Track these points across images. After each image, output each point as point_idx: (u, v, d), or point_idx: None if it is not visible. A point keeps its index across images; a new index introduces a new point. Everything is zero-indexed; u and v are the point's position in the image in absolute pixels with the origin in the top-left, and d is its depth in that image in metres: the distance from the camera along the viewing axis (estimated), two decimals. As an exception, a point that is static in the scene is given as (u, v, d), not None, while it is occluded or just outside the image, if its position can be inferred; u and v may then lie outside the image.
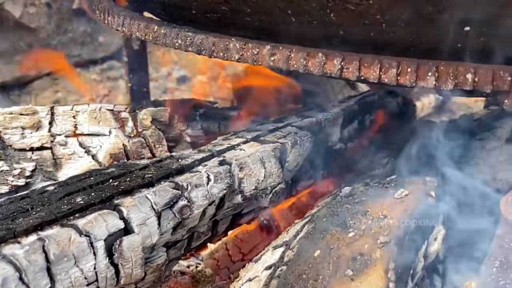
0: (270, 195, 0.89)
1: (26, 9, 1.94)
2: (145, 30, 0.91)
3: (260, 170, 0.86)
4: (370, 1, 0.69)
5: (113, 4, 1.03)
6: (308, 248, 0.74)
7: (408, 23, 0.72)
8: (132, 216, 0.70)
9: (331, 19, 0.74)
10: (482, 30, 0.71)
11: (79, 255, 0.64)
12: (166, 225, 0.73)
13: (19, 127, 0.96)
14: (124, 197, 0.72)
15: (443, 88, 0.73)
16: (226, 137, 0.95)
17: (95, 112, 1.02)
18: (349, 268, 0.70)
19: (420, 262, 0.78)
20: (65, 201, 0.71)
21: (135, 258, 0.69)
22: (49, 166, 0.97)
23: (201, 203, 0.77)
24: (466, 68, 0.72)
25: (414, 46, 0.76)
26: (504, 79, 0.71)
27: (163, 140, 1.05)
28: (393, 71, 0.74)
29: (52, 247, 0.62)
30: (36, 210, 0.68)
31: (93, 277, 0.65)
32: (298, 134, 0.94)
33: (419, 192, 0.87)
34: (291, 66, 0.77)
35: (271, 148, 0.89)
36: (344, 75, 0.75)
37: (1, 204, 0.71)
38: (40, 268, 0.60)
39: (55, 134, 0.98)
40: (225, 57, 0.81)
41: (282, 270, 0.71)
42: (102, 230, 0.66)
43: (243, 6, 0.79)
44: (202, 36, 0.84)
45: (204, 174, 0.79)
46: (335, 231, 0.77)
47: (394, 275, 0.68)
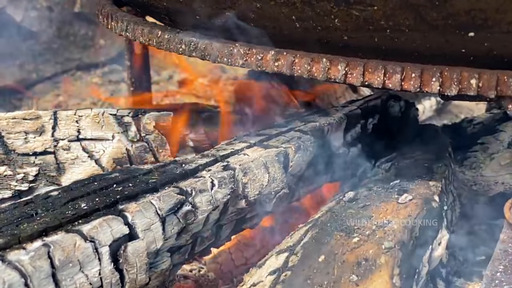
0: (273, 200, 0.89)
1: (27, 12, 1.94)
2: (149, 35, 0.91)
3: (263, 175, 0.86)
4: (374, 7, 0.70)
5: (116, 9, 1.03)
6: (312, 253, 0.74)
7: (412, 29, 0.72)
8: (137, 222, 0.70)
9: (336, 25, 0.74)
10: (486, 36, 0.71)
11: (84, 260, 0.64)
12: (170, 230, 0.73)
13: (22, 131, 0.96)
14: (128, 203, 0.72)
15: (447, 94, 0.73)
16: (230, 142, 0.95)
17: (98, 117, 1.02)
18: (354, 273, 0.70)
19: (425, 267, 0.78)
20: (70, 206, 0.71)
21: (139, 264, 0.69)
22: (52, 171, 0.97)
23: (205, 208, 0.77)
24: (470, 73, 0.72)
25: (418, 52, 0.76)
26: (508, 85, 0.72)
27: (166, 144, 1.05)
28: (397, 76, 0.74)
29: (57, 253, 0.61)
30: (40, 216, 0.68)
31: (98, 283, 0.65)
32: (301, 139, 0.94)
33: (423, 196, 0.87)
34: (295, 72, 0.78)
35: (274, 153, 0.89)
36: (348, 80, 0.75)
37: (5, 210, 0.71)
38: (46, 274, 0.60)
39: (58, 138, 0.98)
40: (229, 63, 0.81)
41: (286, 275, 0.71)
42: (107, 235, 0.66)
43: (248, 12, 0.79)
44: (206, 42, 0.84)
45: (208, 179, 0.79)
46: (339, 236, 0.77)
47: (399, 281, 0.68)
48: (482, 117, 1.35)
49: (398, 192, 0.88)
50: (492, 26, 0.69)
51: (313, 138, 0.96)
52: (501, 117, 1.28)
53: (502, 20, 0.69)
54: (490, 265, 0.78)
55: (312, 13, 0.74)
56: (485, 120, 1.31)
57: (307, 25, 0.77)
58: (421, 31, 0.72)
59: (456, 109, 2.20)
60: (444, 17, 0.69)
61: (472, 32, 0.71)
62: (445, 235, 0.84)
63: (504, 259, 0.79)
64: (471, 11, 0.68)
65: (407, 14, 0.70)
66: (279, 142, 0.93)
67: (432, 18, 0.69)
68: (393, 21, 0.71)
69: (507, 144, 1.15)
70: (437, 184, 0.91)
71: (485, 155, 1.14)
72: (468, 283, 0.98)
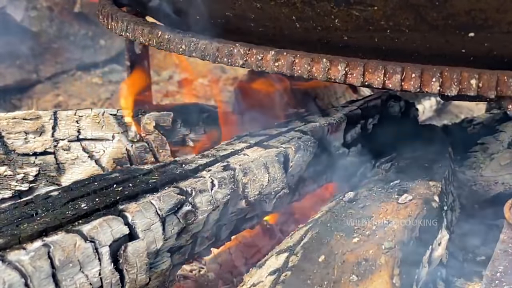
0: (273, 200, 0.89)
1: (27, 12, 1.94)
2: (149, 35, 0.91)
3: (264, 175, 0.86)
4: (374, 7, 0.70)
5: (117, 9, 1.03)
6: (312, 253, 0.74)
7: (412, 29, 0.72)
8: (137, 222, 0.70)
9: (336, 25, 0.74)
10: (486, 36, 0.71)
11: (84, 261, 0.64)
12: (170, 230, 0.73)
13: (23, 131, 0.96)
14: (128, 203, 0.72)
15: (447, 94, 0.73)
16: (230, 142, 0.95)
17: (98, 117, 1.02)
18: (354, 273, 0.70)
19: (425, 267, 0.78)
20: (70, 206, 0.71)
21: (140, 264, 0.69)
22: (52, 171, 0.97)
23: (205, 209, 0.77)
24: (470, 73, 0.72)
25: (418, 52, 0.76)
26: (508, 85, 0.72)
27: (166, 144, 1.05)
28: (398, 76, 0.74)
29: (57, 253, 0.62)
30: (40, 216, 0.68)
31: (98, 283, 0.65)
32: (301, 139, 0.94)
33: (423, 197, 0.87)
34: (295, 72, 0.78)
35: (274, 153, 0.89)
36: (349, 80, 0.75)
37: (5, 210, 0.71)
38: (46, 274, 0.60)
39: (58, 138, 0.99)
40: (229, 63, 0.81)
41: (286, 276, 0.71)
42: (107, 235, 0.67)
43: (248, 12, 0.79)
44: (206, 42, 0.84)
45: (208, 179, 0.80)
46: (339, 236, 0.77)
47: (399, 281, 0.68)
48: (482, 117, 1.35)
49: (398, 192, 0.88)
50: (492, 26, 0.69)
51: (313, 138, 0.96)
52: (501, 117, 1.28)
53: (502, 20, 0.69)
54: (490, 265, 0.78)
55: (312, 13, 0.74)
56: (485, 120, 1.31)
57: (307, 25, 0.77)
58: (421, 31, 0.72)
59: (456, 109, 2.20)
60: (444, 17, 0.69)
61: (472, 32, 0.71)
62: (445, 235, 0.84)
63: (504, 259, 0.79)
64: (471, 11, 0.68)
65: (407, 14, 0.70)
66: (279, 142, 0.93)
67: (432, 18, 0.69)
68: (393, 21, 0.71)
69: (507, 144, 1.15)
70: (437, 184, 0.91)
71: (485, 155, 1.14)
72: (468, 283, 0.98)
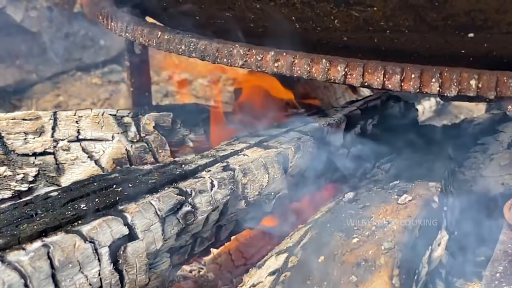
0: (273, 200, 0.89)
1: (27, 13, 1.94)
2: (149, 36, 0.91)
3: (263, 175, 0.86)
4: (374, 8, 0.70)
5: (116, 10, 1.03)
6: (312, 254, 0.74)
7: (412, 30, 0.72)
8: (136, 222, 0.70)
9: (335, 26, 0.74)
10: (486, 36, 0.71)
11: (83, 261, 0.64)
12: (170, 231, 0.73)
13: (22, 132, 0.96)
14: (128, 203, 0.72)
15: (447, 94, 0.73)
16: (229, 142, 0.95)
17: (98, 117, 1.02)
18: (354, 274, 0.70)
19: (424, 267, 0.78)
20: (69, 207, 0.71)
21: (139, 264, 0.69)
22: (52, 171, 0.97)
23: (205, 209, 0.77)
24: (470, 74, 0.72)
25: (418, 52, 0.76)
26: (508, 85, 0.72)
27: (166, 145, 1.05)
28: (397, 77, 0.74)
29: (57, 253, 0.61)
30: (40, 216, 0.68)
31: (98, 283, 0.65)
32: (301, 139, 0.94)
33: (422, 197, 0.87)
34: (294, 72, 0.78)
35: (274, 154, 0.89)
36: (348, 81, 0.75)
37: (5, 210, 0.71)
38: (45, 275, 0.60)
39: (58, 139, 0.98)
40: (229, 63, 0.81)
41: (286, 276, 0.71)
42: (107, 236, 0.66)
43: (247, 12, 0.79)
44: (206, 42, 0.84)
45: (208, 179, 0.79)
46: (339, 236, 0.77)
47: (399, 281, 0.68)
48: (481, 118, 1.35)
49: (398, 193, 0.88)
50: (492, 27, 0.69)
51: (312, 138, 0.96)
52: (500, 118, 1.28)
53: (501, 20, 0.69)
54: (490, 266, 0.78)
55: (312, 14, 0.74)
56: (484, 120, 1.32)
57: (307, 26, 0.77)
58: (420, 32, 0.72)
59: (455, 109, 2.20)
60: (443, 18, 0.69)
61: (472, 33, 0.71)
62: (445, 236, 0.84)
63: (504, 260, 0.79)
64: (470, 12, 0.68)
65: (407, 15, 0.70)
66: (278, 143, 0.93)
67: (432, 19, 0.69)
68: (393, 22, 0.71)
69: (506, 145, 1.15)
70: (437, 185, 0.91)
71: (485, 156, 1.13)
72: (468, 283, 0.98)
